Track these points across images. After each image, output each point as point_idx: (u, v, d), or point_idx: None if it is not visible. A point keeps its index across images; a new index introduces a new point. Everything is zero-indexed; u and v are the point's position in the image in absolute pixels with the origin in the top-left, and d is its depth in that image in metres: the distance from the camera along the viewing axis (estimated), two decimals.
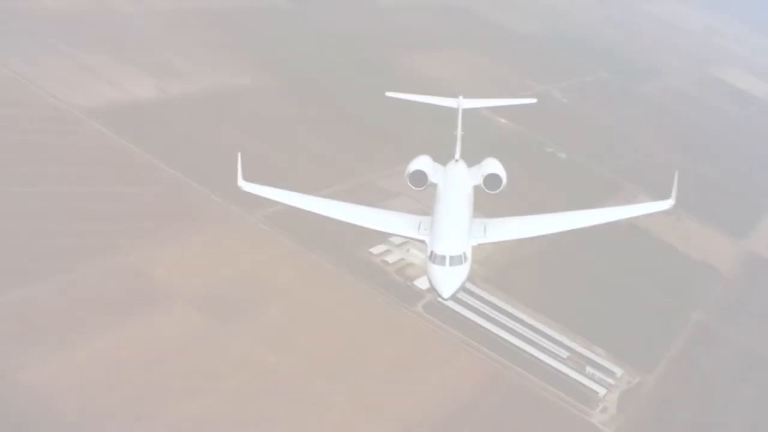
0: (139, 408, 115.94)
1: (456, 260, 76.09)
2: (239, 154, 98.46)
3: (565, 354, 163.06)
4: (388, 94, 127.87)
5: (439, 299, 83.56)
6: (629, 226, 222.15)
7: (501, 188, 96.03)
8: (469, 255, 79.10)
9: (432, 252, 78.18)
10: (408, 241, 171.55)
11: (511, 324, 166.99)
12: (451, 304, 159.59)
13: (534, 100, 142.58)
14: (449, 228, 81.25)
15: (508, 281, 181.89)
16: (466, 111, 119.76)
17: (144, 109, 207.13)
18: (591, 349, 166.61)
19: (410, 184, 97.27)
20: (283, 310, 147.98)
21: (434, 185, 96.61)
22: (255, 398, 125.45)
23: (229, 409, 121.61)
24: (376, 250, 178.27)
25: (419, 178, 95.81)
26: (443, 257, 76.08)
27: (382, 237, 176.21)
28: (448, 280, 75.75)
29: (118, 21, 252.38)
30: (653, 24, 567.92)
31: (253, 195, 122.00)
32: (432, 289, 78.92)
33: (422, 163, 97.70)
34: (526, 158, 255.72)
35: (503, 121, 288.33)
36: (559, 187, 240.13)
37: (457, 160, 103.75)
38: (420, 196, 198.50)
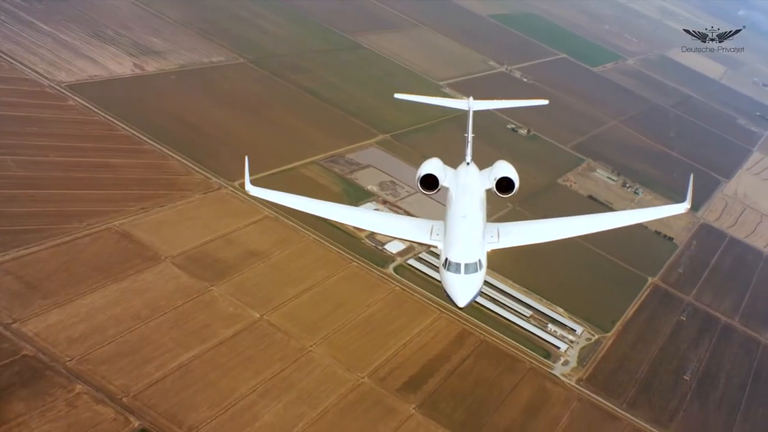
0: (134, 357, 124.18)
1: (471, 268, 71.18)
2: (246, 158, 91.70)
3: (528, 313, 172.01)
4: (397, 96, 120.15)
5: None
6: (590, 199, 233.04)
7: (513, 192, 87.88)
8: (484, 262, 74.04)
9: (446, 259, 72.49)
10: (379, 208, 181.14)
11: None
12: (420, 266, 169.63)
13: (545, 101, 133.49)
14: (463, 234, 75.67)
15: None
16: (434, 87, 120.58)
17: (123, 85, 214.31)
18: (553, 309, 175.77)
19: (421, 188, 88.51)
20: (263, 271, 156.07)
21: (446, 189, 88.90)
22: (241, 350, 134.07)
23: (217, 359, 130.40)
24: None
25: (430, 181, 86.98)
26: (458, 265, 71.02)
27: (354, 203, 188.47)
28: (464, 289, 70.52)
29: (93, 1, 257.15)
30: (612, 8, 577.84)
31: (232, 166, 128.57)
32: (446, 297, 72.21)
33: (433, 166, 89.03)
34: (489, 134, 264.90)
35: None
36: (522, 161, 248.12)
37: (468, 163, 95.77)
38: (387, 166, 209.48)
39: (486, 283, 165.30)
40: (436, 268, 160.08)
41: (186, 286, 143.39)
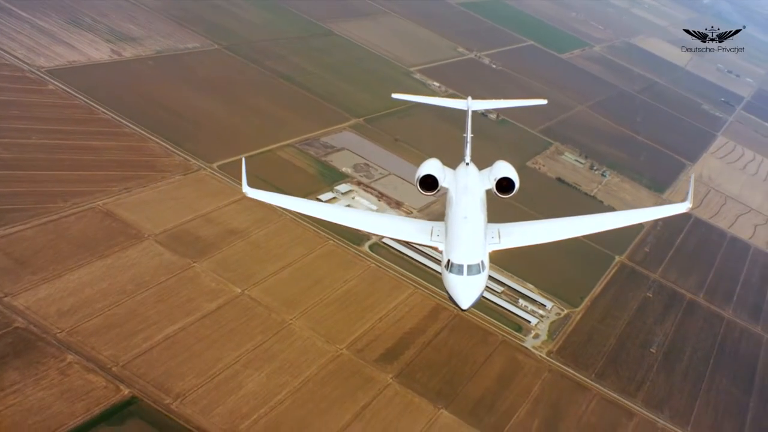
0: (121, 329, 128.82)
1: (474, 269, 71.12)
2: (243, 160, 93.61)
3: (500, 289, 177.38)
4: (395, 96, 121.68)
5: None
6: (558, 181, 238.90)
7: (514, 192, 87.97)
8: (486, 263, 73.88)
9: (449, 261, 72.32)
10: (353, 189, 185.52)
11: None
12: (394, 244, 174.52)
13: (544, 101, 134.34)
14: (465, 235, 75.51)
15: None
16: (405, 73, 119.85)
17: (102, 70, 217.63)
18: (524, 285, 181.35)
19: (420, 189, 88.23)
20: (243, 248, 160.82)
21: (445, 189, 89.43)
22: (224, 323, 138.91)
23: (201, 332, 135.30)
24: (325, 197, 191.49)
25: (430, 182, 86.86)
26: (460, 266, 71.01)
27: (329, 185, 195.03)
28: (467, 291, 70.29)
29: None
30: None
31: (210, 148, 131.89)
32: (449, 299, 72.91)
33: (432, 167, 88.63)
34: (460, 118, 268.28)
35: (436, 84, 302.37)
36: (492, 144, 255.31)
37: (467, 164, 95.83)
38: (361, 149, 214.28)
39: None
40: (410, 246, 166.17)
41: (169, 263, 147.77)
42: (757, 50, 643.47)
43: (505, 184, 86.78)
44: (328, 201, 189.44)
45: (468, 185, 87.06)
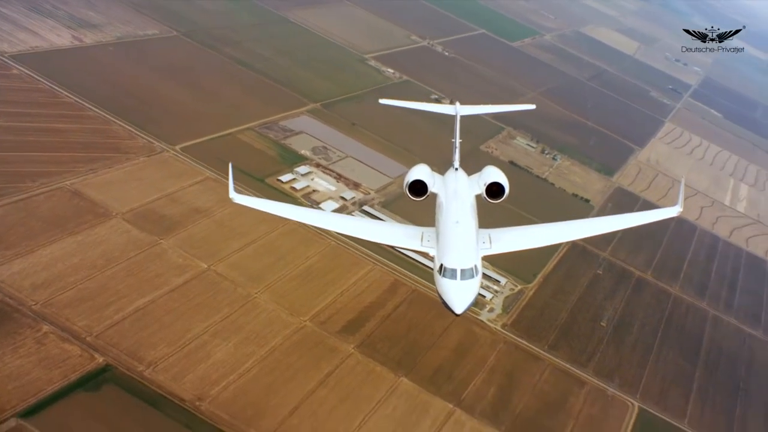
0: (93, 302, 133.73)
1: (467, 273, 71.27)
2: (230, 166, 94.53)
3: None
4: (382, 101, 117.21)
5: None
6: (511, 164, 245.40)
7: (504, 197, 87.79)
8: (480, 267, 74.12)
9: (442, 265, 72.65)
10: (313, 171, 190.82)
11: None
12: None
13: (533, 106, 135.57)
14: (458, 240, 75.63)
15: (401, 206, 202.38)
16: (359, 60, 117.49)
17: (64, 56, 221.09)
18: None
19: (410, 195, 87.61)
20: (208, 226, 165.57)
21: (434, 195, 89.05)
22: (191, 296, 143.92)
23: (170, 304, 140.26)
24: (285, 178, 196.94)
25: (419, 188, 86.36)
26: (454, 271, 71.22)
27: (289, 167, 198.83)
28: (461, 295, 70.51)
29: None
30: None
31: (172, 131, 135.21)
32: (443, 304, 71.98)
33: (421, 172, 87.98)
34: None
35: (390, 70, 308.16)
36: (446, 129, 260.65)
37: (456, 169, 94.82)
38: (319, 132, 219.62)
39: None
40: None
41: (137, 240, 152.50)
42: None
43: (495, 189, 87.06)
44: (288, 182, 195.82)
45: (458, 190, 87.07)
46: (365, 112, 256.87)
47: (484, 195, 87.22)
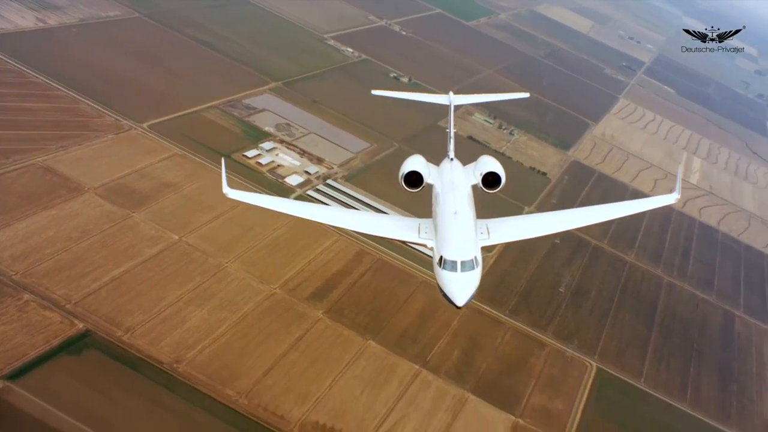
0: (71, 272, 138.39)
1: (468, 265, 70.46)
2: (223, 161, 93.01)
3: None
4: (374, 92, 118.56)
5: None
6: (470, 139, 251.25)
7: (500, 187, 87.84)
8: (480, 259, 73.09)
9: (441, 257, 71.70)
10: (277, 146, 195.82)
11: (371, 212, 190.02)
12: (318, 195, 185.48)
13: (526, 95, 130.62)
14: (457, 231, 74.57)
15: (363, 180, 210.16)
16: (319, 39, 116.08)
17: (29, 37, 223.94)
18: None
19: (405, 186, 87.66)
20: (178, 200, 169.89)
21: (430, 186, 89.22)
22: (165, 266, 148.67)
23: (144, 274, 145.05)
24: (250, 153, 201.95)
25: (415, 179, 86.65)
26: (454, 263, 70.26)
27: (253, 142, 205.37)
28: (461, 287, 69.51)
29: None
30: None
31: (139, 109, 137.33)
32: (443, 296, 70.90)
33: (416, 163, 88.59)
34: (373, 82, 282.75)
35: (350, 49, 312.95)
36: (405, 105, 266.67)
37: (452, 159, 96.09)
38: (281, 110, 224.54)
39: (376, 210, 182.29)
40: (333, 198, 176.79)
41: (110, 213, 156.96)
42: (657, 18, 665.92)
43: (491, 179, 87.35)
44: (253, 158, 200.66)
45: (454, 181, 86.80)
46: (326, 90, 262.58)
47: (480, 185, 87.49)
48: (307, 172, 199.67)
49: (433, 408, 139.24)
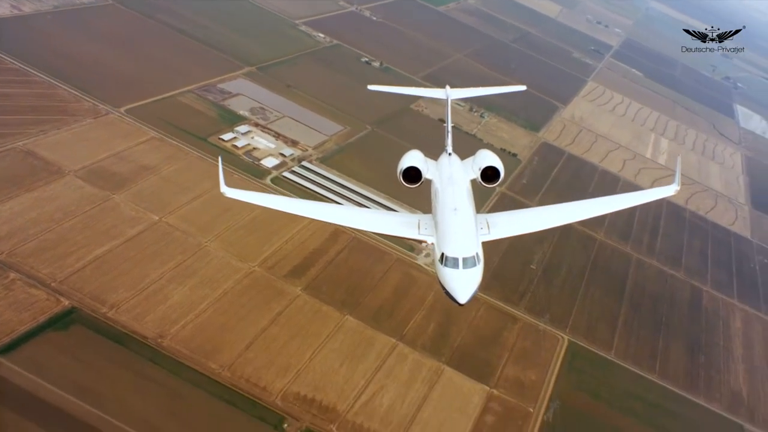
0: (55, 252, 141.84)
1: (470, 262, 68.86)
2: (220, 159, 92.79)
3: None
4: (370, 87, 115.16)
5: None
6: (440, 121, 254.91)
7: (499, 181, 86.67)
8: (481, 255, 71.36)
9: (443, 254, 70.16)
10: (252, 130, 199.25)
11: (345, 193, 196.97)
12: (293, 177, 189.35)
13: (523, 88, 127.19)
14: (457, 227, 73.16)
15: (338, 161, 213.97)
16: (290, 25, 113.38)
17: (4, 24, 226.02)
18: (414, 212, 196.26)
19: (404, 182, 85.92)
20: (156, 182, 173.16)
21: (429, 181, 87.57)
22: (146, 246, 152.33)
23: (126, 253, 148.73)
24: (226, 136, 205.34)
25: (413, 174, 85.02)
26: (455, 260, 68.78)
27: (229, 126, 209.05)
28: (464, 284, 67.84)
29: None
30: None
31: (115, 94, 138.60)
32: (445, 294, 69.18)
33: (414, 158, 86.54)
34: (345, 66, 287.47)
35: (321, 35, 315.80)
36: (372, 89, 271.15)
37: (450, 154, 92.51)
38: (255, 94, 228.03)
39: (350, 190, 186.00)
40: (309, 180, 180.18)
41: (90, 195, 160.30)
42: (624, 3, 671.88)
43: (490, 173, 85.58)
44: (229, 140, 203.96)
45: (453, 176, 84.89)
46: (299, 75, 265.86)
47: (479, 179, 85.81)
48: (282, 155, 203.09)
49: (410, 379, 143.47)
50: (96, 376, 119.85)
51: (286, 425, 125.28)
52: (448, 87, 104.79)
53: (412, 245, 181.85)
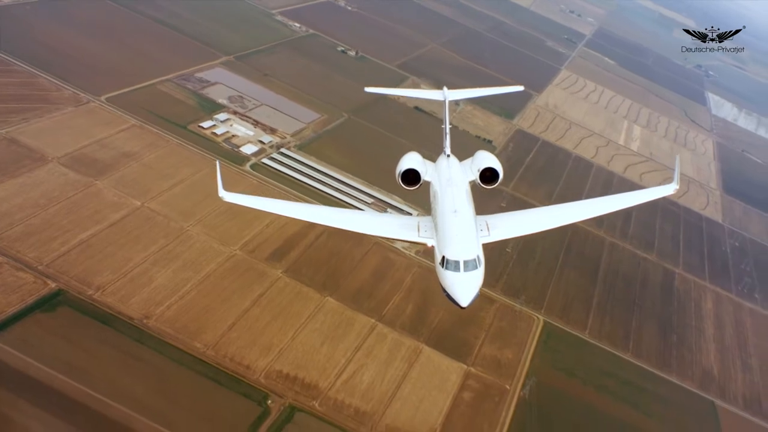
0: (40, 236, 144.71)
1: (471, 264, 68.77)
2: (218, 163, 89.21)
3: (369, 200, 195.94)
4: (367, 89, 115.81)
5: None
6: (416, 109, 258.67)
7: (498, 182, 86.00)
8: (482, 258, 71.04)
9: (444, 257, 69.89)
10: (231, 118, 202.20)
11: (324, 179, 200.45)
12: (272, 163, 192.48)
13: (521, 88, 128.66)
14: (458, 230, 72.85)
15: (316, 148, 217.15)
16: (266, 15, 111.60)
17: None
18: (390, 197, 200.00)
19: (402, 184, 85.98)
20: (138, 169, 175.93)
21: (428, 183, 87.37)
22: (129, 230, 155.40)
23: (110, 237, 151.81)
24: (206, 124, 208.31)
25: (412, 176, 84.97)
26: (456, 263, 68.57)
27: (208, 114, 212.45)
28: (465, 288, 68.12)
29: None
30: None
31: (96, 82, 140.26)
32: (446, 296, 69.55)
33: (413, 160, 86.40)
34: (321, 55, 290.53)
35: (297, 25, 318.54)
36: (353, 78, 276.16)
37: (448, 155, 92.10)
38: (233, 83, 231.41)
39: (327, 175, 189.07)
40: (287, 166, 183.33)
41: (74, 181, 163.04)
42: None
43: (488, 175, 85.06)
44: (209, 128, 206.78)
45: (452, 177, 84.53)
46: (276, 64, 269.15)
47: (478, 181, 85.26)
48: (261, 142, 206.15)
49: (389, 358, 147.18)
50: (84, 355, 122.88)
51: (269, 402, 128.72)
52: (445, 88, 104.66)
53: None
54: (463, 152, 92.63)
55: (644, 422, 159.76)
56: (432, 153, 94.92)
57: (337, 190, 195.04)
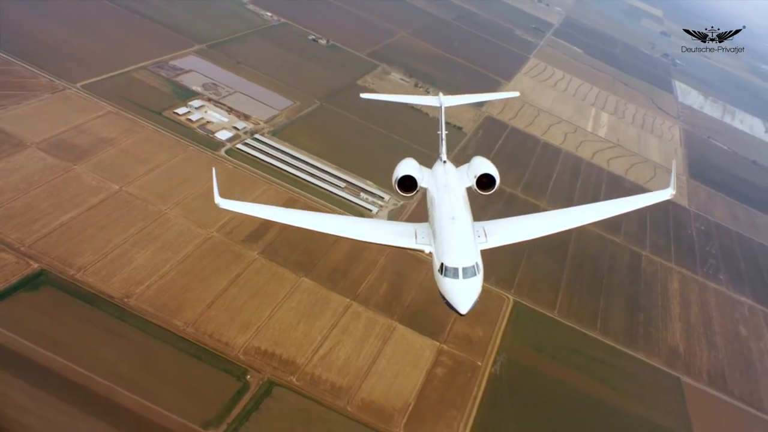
0: (21, 219, 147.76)
1: (470, 271, 68.56)
2: (213, 171, 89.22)
3: (343, 185, 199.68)
4: (363, 95, 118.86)
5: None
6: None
7: (495, 188, 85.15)
8: (481, 264, 70.82)
9: (442, 264, 69.42)
10: (205, 104, 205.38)
11: (298, 164, 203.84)
12: (246, 149, 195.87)
13: (516, 94, 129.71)
14: (456, 237, 72.60)
15: (289, 134, 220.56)
16: (239, 5, 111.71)
17: None
18: (363, 182, 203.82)
19: (399, 191, 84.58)
20: (115, 154, 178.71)
21: (425, 189, 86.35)
22: (108, 213, 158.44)
23: (90, 220, 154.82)
24: (181, 111, 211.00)
25: (409, 183, 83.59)
26: (455, 269, 68.36)
27: (182, 101, 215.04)
28: (464, 295, 67.79)
29: None
30: None
31: (71, 69, 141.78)
32: (445, 304, 68.99)
33: (409, 167, 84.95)
34: (292, 44, 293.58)
35: (269, 14, 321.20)
36: (324, 66, 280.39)
37: (444, 162, 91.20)
38: (207, 70, 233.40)
39: (301, 161, 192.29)
40: (261, 151, 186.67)
41: (52, 166, 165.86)
42: None
43: (485, 181, 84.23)
44: (184, 115, 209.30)
45: (449, 184, 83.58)
46: (248, 52, 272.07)
47: (475, 187, 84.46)
48: (235, 128, 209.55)
49: (364, 335, 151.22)
50: (68, 332, 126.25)
51: (249, 377, 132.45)
52: (441, 94, 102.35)
53: (362, 213, 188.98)
54: (434, 139, 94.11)
55: (612, 397, 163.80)
56: (405, 139, 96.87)
57: (310, 174, 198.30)
